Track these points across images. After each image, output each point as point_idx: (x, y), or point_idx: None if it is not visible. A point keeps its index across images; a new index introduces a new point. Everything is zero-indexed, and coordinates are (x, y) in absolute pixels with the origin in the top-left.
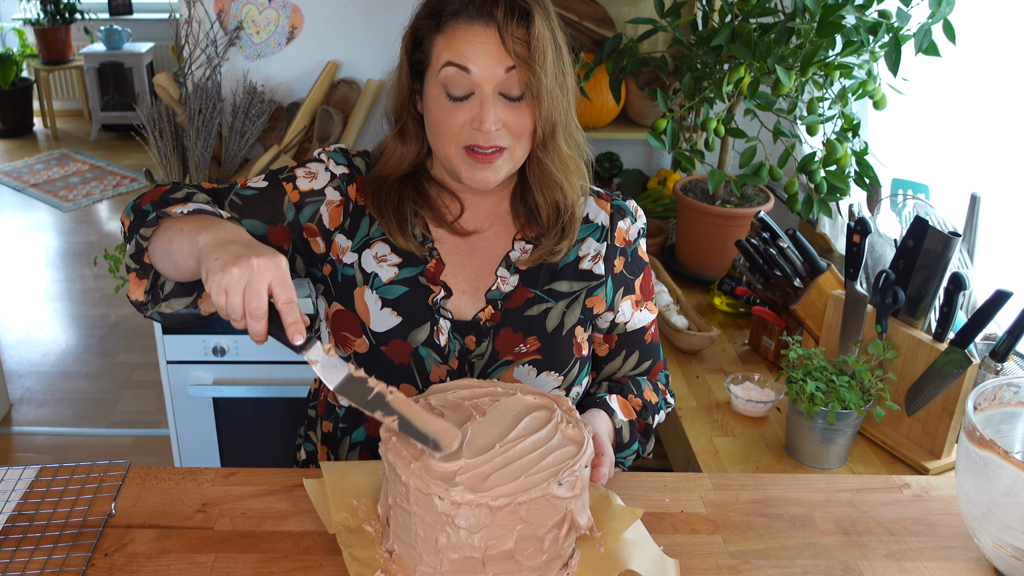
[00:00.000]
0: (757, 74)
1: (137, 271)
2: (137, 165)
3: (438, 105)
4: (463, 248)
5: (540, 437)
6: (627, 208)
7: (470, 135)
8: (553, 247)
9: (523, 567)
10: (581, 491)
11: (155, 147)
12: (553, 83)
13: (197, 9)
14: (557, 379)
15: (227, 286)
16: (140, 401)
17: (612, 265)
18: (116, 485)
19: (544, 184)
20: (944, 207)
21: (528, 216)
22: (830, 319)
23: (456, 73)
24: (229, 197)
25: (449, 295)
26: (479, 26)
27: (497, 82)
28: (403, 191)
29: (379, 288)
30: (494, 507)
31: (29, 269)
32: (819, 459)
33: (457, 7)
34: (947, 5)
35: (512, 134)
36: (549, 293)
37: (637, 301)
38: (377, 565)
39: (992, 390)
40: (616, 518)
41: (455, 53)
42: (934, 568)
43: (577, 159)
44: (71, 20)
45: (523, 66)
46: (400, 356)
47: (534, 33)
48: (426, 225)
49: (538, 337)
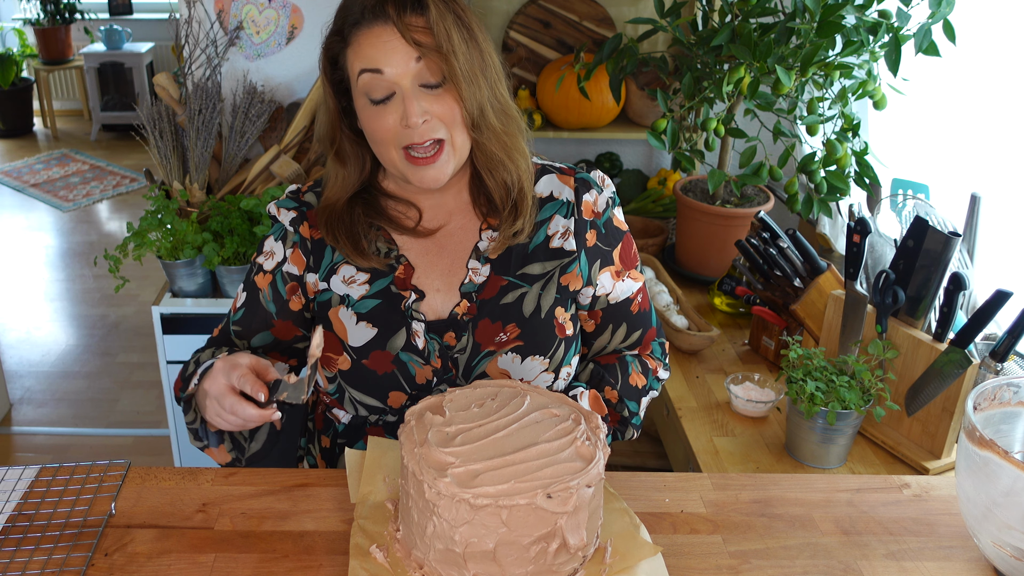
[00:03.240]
0: (757, 74)
1: (207, 445)
2: (137, 165)
3: (366, 114)
4: (431, 248)
5: (549, 447)
6: (592, 180)
7: (404, 135)
8: (511, 229)
9: (505, 572)
10: (576, 509)
11: (155, 147)
12: (468, 63)
13: (197, 9)
14: (543, 363)
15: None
16: (140, 401)
17: (584, 239)
18: (116, 485)
19: (490, 166)
20: (944, 207)
21: (488, 203)
22: (830, 319)
23: (371, 78)
24: (231, 329)
25: (421, 297)
26: (378, 27)
27: (411, 75)
28: (353, 212)
29: (353, 305)
30: (475, 505)
31: (29, 269)
32: (819, 459)
33: (356, 16)
34: (947, 5)
35: (444, 121)
36: (522, 278)
37: (617, 271)
38: (381, 540)
39: (992, 390)
40: (633, 550)
41: (364, 59)
42: (934, 568)
43: (514, 135)
44: (71, 20)
45: (430, 53)
46: (382, 366)
47: (432, 19)
48: (389, 235)
49: (517, 323)
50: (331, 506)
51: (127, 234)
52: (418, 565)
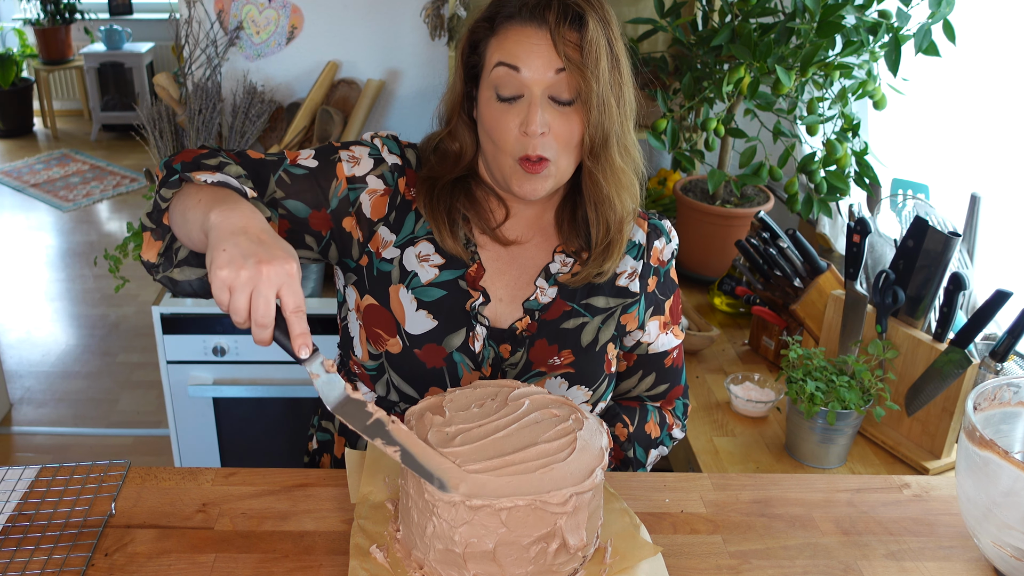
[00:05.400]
0: (757, 74)
1: (153, 231)
2: (137, 165)
3: (489, 107)
4: (503, 256)
5: (549, 447)
6: (663, 228)
7: (521, 144)
8: (598, 268)
9: (505, 572)
10: (575, 510)
11: (155, 147)
12: (606, 90)
13: (197, 9)
14: (586, 393)
15: (232, 286)
16: (140, 401)
17: (646, 284)
18: (116, 485)
19: (597, 199)
20: (944, 207)
21: (572, 229)
22: (830, 319)
23: (506, 73)
24: (278, 173)
25: (487, 301)
26: (531, 28)
27: (546, 84)
28: (455, 193)
29: (416, 288)
30: (472, 507)
31: (29, 269)
32: (819, 459)
33: (512, 10)
34: (947, 5)
35: (559, 142)
36: (586, 307)
37: (665, 323)
38: (381, 540)
39: (992, 390)
40: (633, 550)
41: (506, 53)
42: (934, 568)
43: (631, 175)
44: (71, 20)
45: (573, 70)
46: (433, 360)
47: (586, 37)
48: (471, 229)
49: (572, 351)
50: (331, 506)
51: (127, 234)
52: (418, 565)
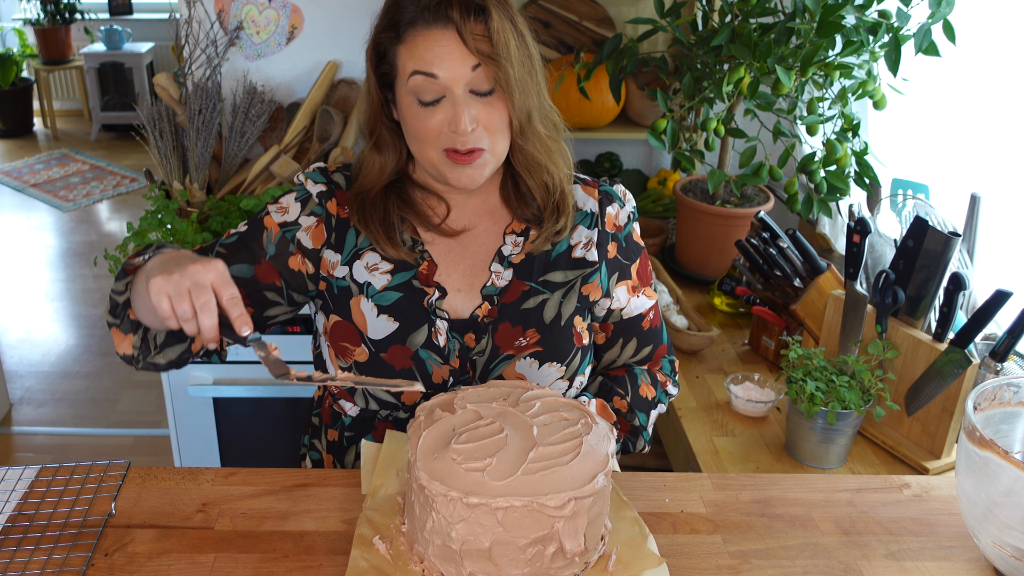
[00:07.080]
0: (757, 74)
1: (118, 326)
2: (137, 165)
3: (412, 112)
4: (454, 247)
5: (553, 450)
6: (615, 193)
7: (448, 138)
8: (554, 227)
9: (501, 571)
10: (574, 514)
11: (155, 147)
12: (521, 71)
13: (197, 9)
14: (559, 370)
15: (168, 291)
16: (140, 401)
17: (605, 251)
18: (116, 485)
19: (530, 168)
20: (944, 207)
21: (520, 202)
22: (830, 319)
23: (424, 80)
24: (214, 251)
25: (444, 295)
26: (437, 30)
27: (465, 82)
28: (387, 201)
29: (374, 296)
30: (469, 504)
31: (29, 269)
32: (819, 459)
33: (413, 14)
34: (947, 5)
35: (489, 131)
36: (544, 284)
37: (634, 287)
38: (386, 532)
39: (992, 390)
40: (638, 560)
41: (419, 61)
42: (934, 568)
43: (557, 139)
44: (71, 20)
45: (488, 62)
46: (401, 361)
47: (493, 27)
48: (414, 229)
49: (537, 329)
50: (331, 506)
51: (127, 234)
52: (419, 559)
